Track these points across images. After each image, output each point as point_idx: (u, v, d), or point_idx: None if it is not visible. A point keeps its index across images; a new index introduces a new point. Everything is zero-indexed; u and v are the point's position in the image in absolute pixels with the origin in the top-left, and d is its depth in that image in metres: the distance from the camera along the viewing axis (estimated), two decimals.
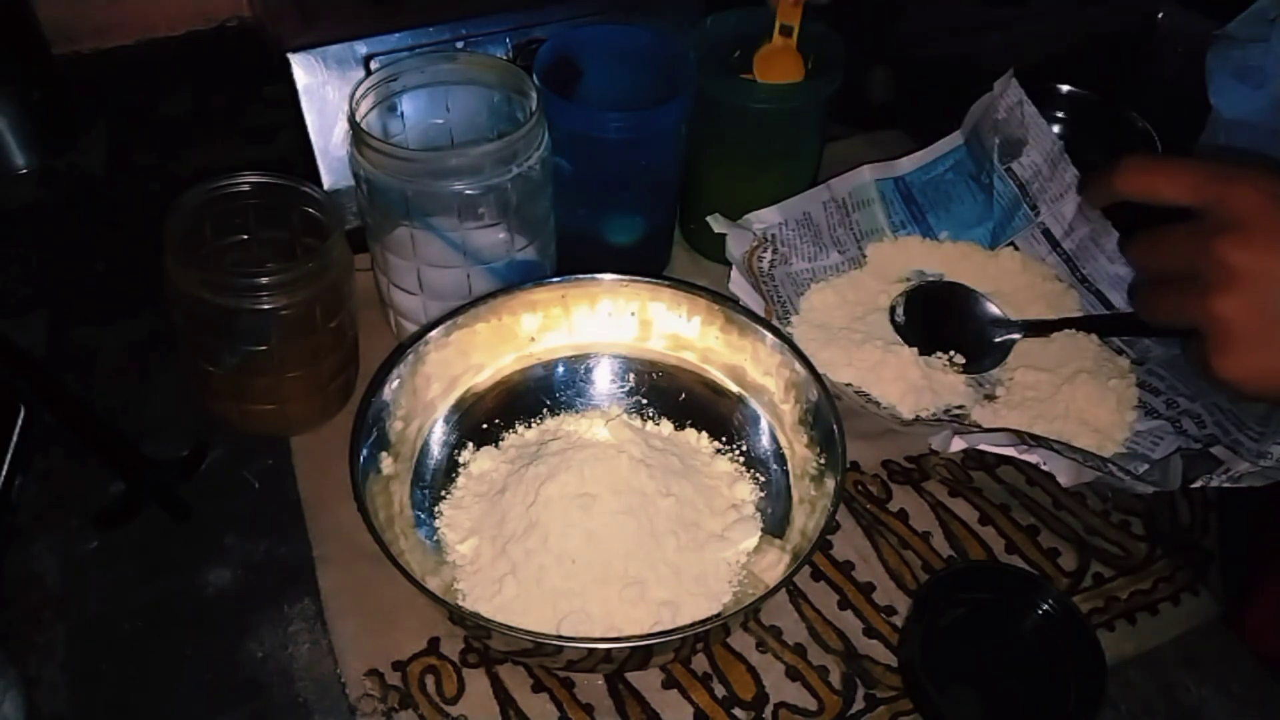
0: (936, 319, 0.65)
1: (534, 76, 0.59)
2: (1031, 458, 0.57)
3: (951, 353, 0.64)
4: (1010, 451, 0.58)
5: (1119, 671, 0.51)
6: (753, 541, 0.53)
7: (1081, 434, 0.59)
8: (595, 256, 0.62)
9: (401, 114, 0.60)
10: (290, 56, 0.65)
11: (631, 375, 0.61)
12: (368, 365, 0.59)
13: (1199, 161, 0.46)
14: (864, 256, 0.70)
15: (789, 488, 0.55)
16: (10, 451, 0.55)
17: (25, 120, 0.75)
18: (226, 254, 0.57)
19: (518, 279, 0.59)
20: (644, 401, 0.61)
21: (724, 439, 0.59)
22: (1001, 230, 0.70)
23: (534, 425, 0.60)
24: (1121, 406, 0.61)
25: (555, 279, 0.58)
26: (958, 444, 0.59)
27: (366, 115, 0.57)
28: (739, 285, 0.63)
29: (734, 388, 0.59)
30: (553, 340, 0.60)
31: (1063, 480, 0.56)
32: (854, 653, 0.52)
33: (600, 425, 0.59)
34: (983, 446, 0.58)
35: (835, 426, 0.52)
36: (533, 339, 0.60)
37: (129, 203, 0.74)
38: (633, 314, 0.60)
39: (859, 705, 0.50)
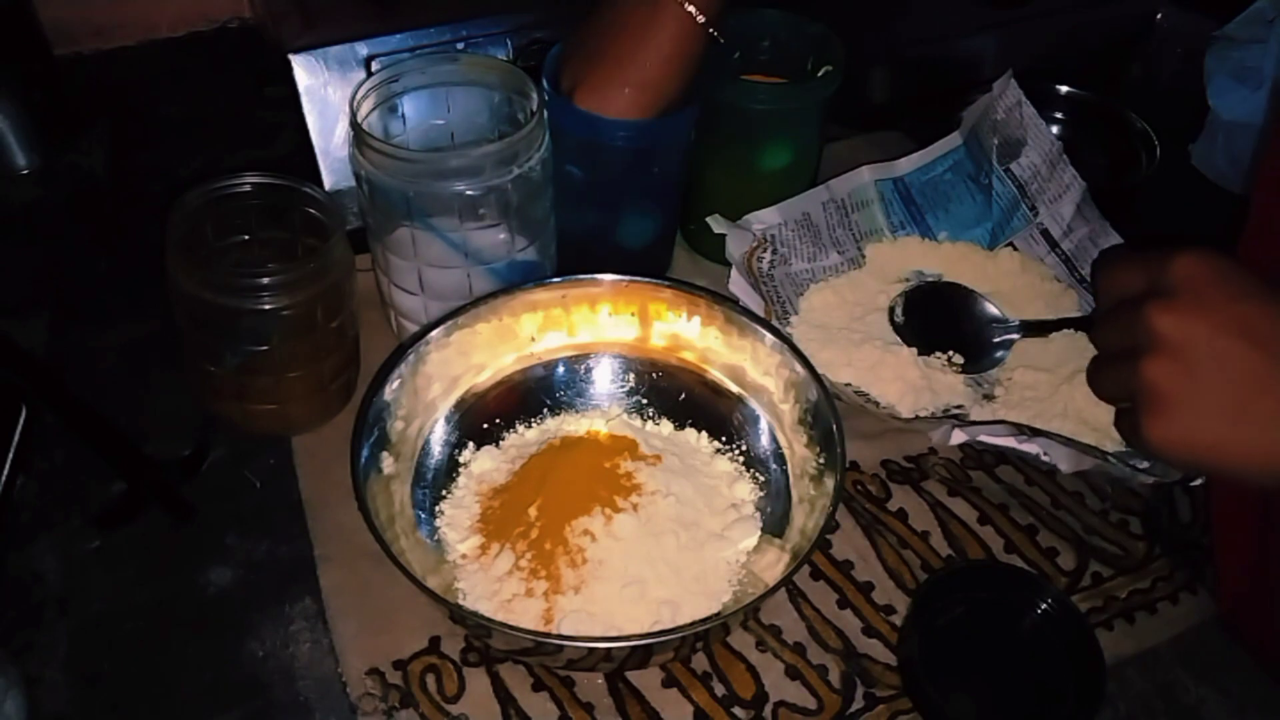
0: (935, 319, 0.65)
1: (544, 81, 0.59)
2: (1031, 448, 0.57)
3: (950, 353, 0.64)
4: (1010, 442, 0.58)
5: (1118, 670, 0.51)
6: (752, 541, 0.54)
7: (1080, 433, 0.59)
8: (600, 259, 0.62)
9: (402, 115, 0.60)
10: (291, 57, 0.65)
11: (631, 375, 0.61)
12: (369, 365, 0.59)
13: (1151, 250, 0.47)
14: (863, 257, 0.70)
15: (788, 487, 0.56)
16: (12, 451, 0.55)
17: (26, 120, 0.75)
18: (228, 254, 0.57)
19: (518, 279, 0.59)
20: (644, 401, 0.61)
21: (724, 439, 0.59)
22: (1000, 231, 0.70)
23: (534, 425, 0.60)
24: None
25: (556, 279, 0.58)
26: (958, 436, 0.58)
27: (368, 116, 0.57)
28: (738, 285, 0.63)
29: (734, 388, 0.59)
30: (553, 340, 0.60)
31: (1063, 467, 0.56)
32: (853, 652, 0.52)
33: (600, 425, 0.59)
34: (983, 437, 0.58)
35: (834, 426, 0.52)
36: (533, 339, 0.60)
37: (130, 203, 0.74)
38: (633, 314, 0.60)
39: (858, 704, 0.50)
